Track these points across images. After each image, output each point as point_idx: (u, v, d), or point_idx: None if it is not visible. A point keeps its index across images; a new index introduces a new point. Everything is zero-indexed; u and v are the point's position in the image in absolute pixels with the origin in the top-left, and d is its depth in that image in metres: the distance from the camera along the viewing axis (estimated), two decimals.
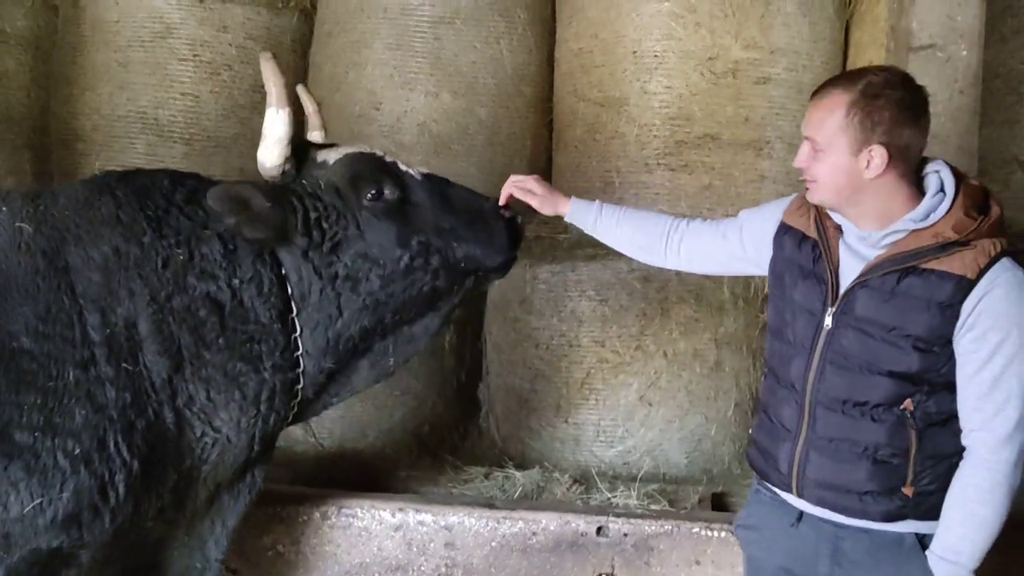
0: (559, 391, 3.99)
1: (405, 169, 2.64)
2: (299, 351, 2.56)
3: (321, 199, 2.54)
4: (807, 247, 2.29)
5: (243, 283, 2.47)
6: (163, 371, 2.39)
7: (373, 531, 3.30)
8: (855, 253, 2.21)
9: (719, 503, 3.62)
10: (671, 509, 3.41)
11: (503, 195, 2.71)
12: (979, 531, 2.12)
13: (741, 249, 2.50)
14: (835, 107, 2.09)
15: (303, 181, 2.56)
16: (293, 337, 2.54)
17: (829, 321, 2.20)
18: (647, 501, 3.45)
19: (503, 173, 2.74)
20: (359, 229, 2.54)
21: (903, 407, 2.15)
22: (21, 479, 2.20)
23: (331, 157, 2.60)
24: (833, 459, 2.22)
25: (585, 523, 3.24)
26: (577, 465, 3.92)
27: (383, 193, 2.56)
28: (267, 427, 2.59)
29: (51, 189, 2.57)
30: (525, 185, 2.69)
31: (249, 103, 4.50)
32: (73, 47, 4.59)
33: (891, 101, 2.06)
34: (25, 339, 2.26)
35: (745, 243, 2.49)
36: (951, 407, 2.15)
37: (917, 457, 2.16)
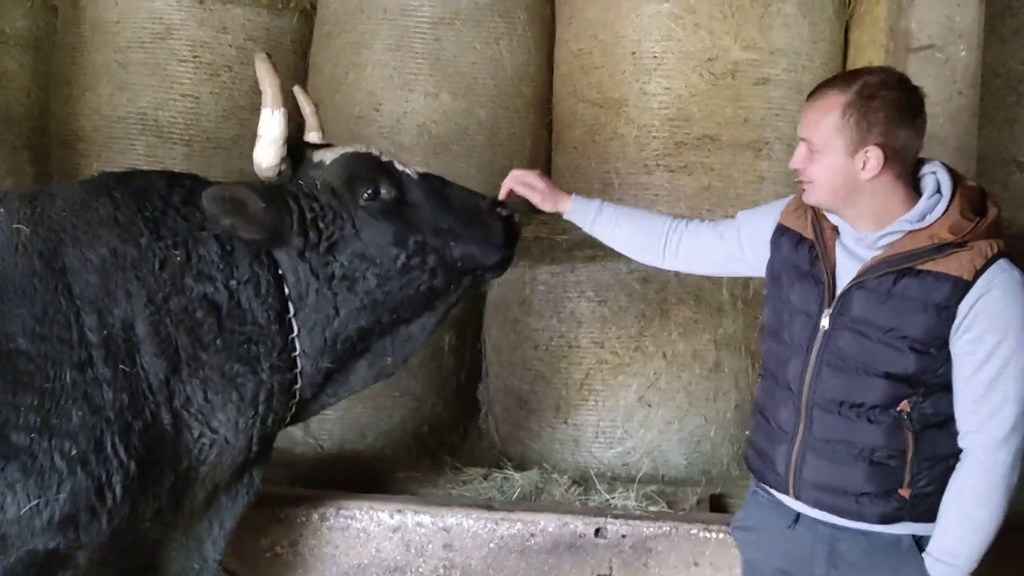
0: (558, 392, 3.99)
1: (401, 168, 2.62)
2: (296, 352, 2.55)
3: (317, 199, 2.53)
4: (804, 248, 2.28)
5: (240, 284, 2.46)
6: (160, 372, 2.38)
7: (371, 532, 3.30)
8: (852, 254, 2.20)
9: (718, 504, 3.62)
10: (669, 510, 3.40)
11: (504, 189, 2.67)
12: (976, 533, 2.12)
13: (739, 250, 2.49)
14: (831, 108, 2.08)
15: (299, 181, 2.55)
16: (290, 338, 2.53)
17: (826, 322, 2.20)
18: (645, 502, 3.45)
19: (502, 174, 2.70)
20: (355, 229, 2.53)
21: (900, 409, 2.14)
22: (18, 480, 2.19)
23: (327, 157, 2.59)
24: (830, 461, 2.22)
25: (583, 524, 3.24)
26: (576, 466, 3.91)
27: (379, 193, 2.55)
28: (265, 428, 2.58)
29: (48, 190, 2.56)
30: (527, 180, 2.65)
31: (249, 104, 4.49)
32: (73, 48, 4.59)
33: (887, 102, 2.05)
34: (22, 340, 2.25)
35: (743, 244, 2.48)
36: (948, 409, 2.14)
37: (914, 459, 2.16)
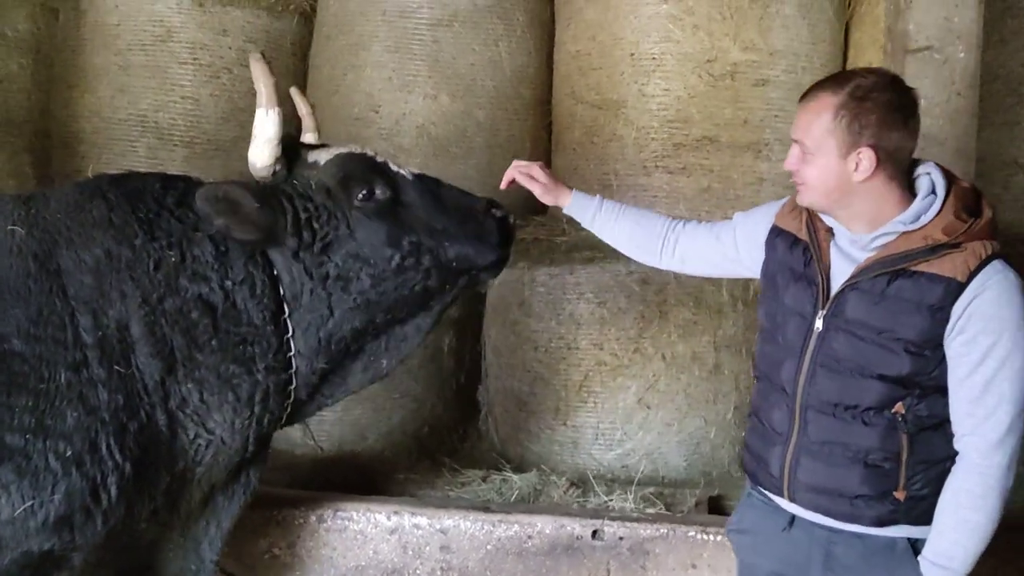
0: (558, 394, 3.98)
1: (396, 169, 2.63)
2: (292, 352, 2.55)
3: (312, 199, 2.53)
4: (798, 250, 2.28)
5: (235, 285, 2.46)
6: (156, 373, 2.38)
7: (369, 534, 3.30)
8: (846, 256, 2.19)
9: (717, 507, 3.60)
10: (667, 513, 3.40)
11: (505, 179, 2.66)
12: (971, 536, 2.10)
13: (735, 251, 2.49)
14: (823, 109, 2.08)
15: (294, 181, 2.55)
16: (285, 338, 2.53)
17: (820, 324, 2.19)
18: (643, 504, 3.45)
19: (501, 176, 2.70)
20: (350, 229, 2.53)
21: (894, 411, 2.13)
22: (12, 481, 2.19)
23: (322, 157, 2.59)
24: (825, 463, 2.21)
25: (581, 527, 3.23)
26: (576, 468, 3.91)
27: (374, 193, 2.55)
28: (261, 428, 2.58)
29: (43, 192, 2.57)
30: (529, 171, 2.64)
31: (249, 106, 4.38)
32: (73, 50, 4.60)
33: (879, 103, 2.04)
34: (16, 341, 2.26)
35: (738, 245, 2.48)
36: (943, 411, 2.13)
37: (909, 461, 2.15)
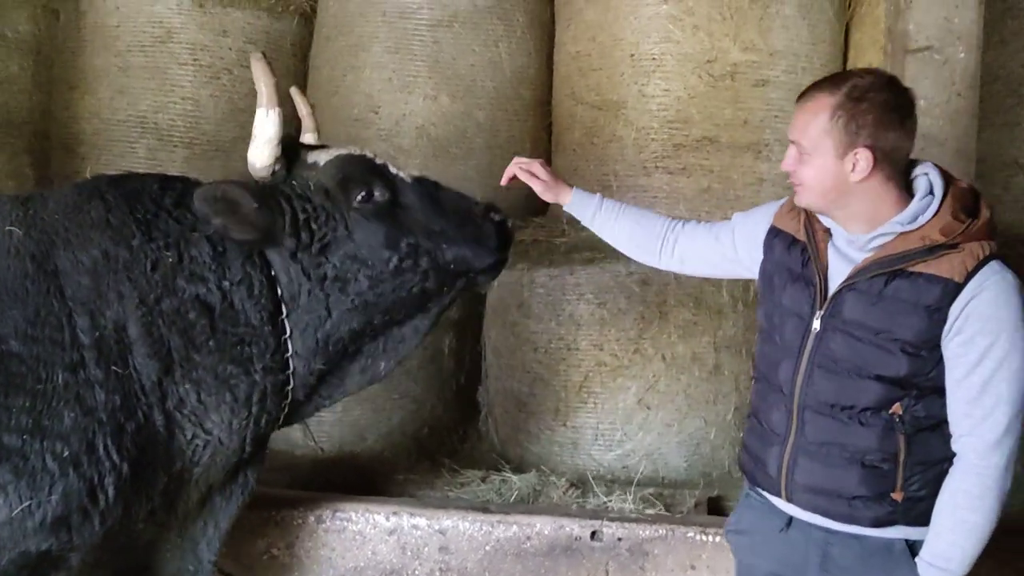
0: (557, 395, 3.98)
1: (395, 171, 2.62)
2: (289, 353, 2.55)
3: (311, 200, 2.53)
4: (796, 250, 2.27)
5: (233, 285, 2.46)
6: (153, 374, 2.38)
7: (367, 535, 3.29)
8: (844, 256, 2.19)
9: (716, 507, 3.59)
10: (666, 513, 3.39)
11: (506, 175, 2.66)
12: (969, 537, 2.10)
13: (733, 251, 2.48)
14: (819, 110, 2.08)
15: (293, 182, 2.55)
16: (283, 339, 2.53)
17: (817, 324, 2.19)
18: (643, 505, 3.44)
19: (501, 177, 2.70)
20: (348, 230, 2.53)
21: (892, 411, 2.13)
22: (9, 482, 2.19)
23: (322, 158, 2.59)
24: (822, 464, 2.20)
25: (579, 527, 3.22)
26: (575, 469, 3.90)
27: (373, 195, 2.55)
28: (258, 429, 2.58)
29: (41, 193, 2.57)
30: (530, 168, 2.63)
31: (249, 107, 4.38)
32: (74, 51, 4.61)
33: (875, 104, 2.04)
34: (14, 342, 2.26)
35: (737, 246, 2.47)
36: (941, 412, 2.13)
37: (907, 462, 2.14)
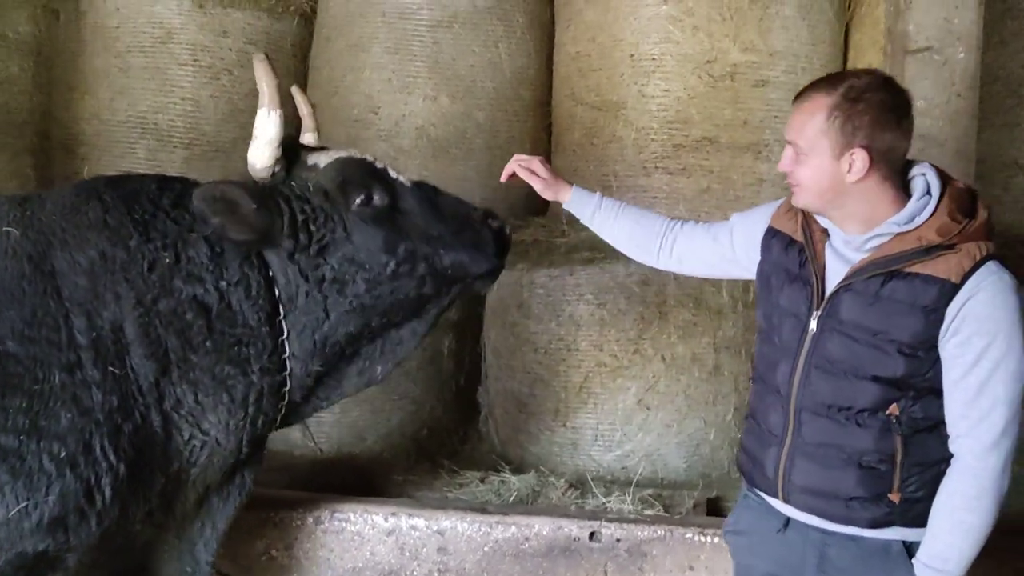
0: (557, 395, 3.98)
1: (395, 176, 2.63)
2: (286, 354, 2.55)
3: (309, 202, 2.53)
4: (794, 251, 2.27)
5: (230, 286, 2.46)
6: (150, 374, 2.38)
7: (366, 536, 3.29)
8: (841, 257, 2.18)
9: (715, 508, 3.59)
10: (665, 514, 3.39)
11: (505, 173, 2.65)
12: (966, 539, 2.09)
13: (731, 252, 2.48)
14: (816, 110, 2.07)
15: (292, 183, 2.55)
16: (280, 340, 2.53)
17: (814, 325, 2.18)
18: (641, 506, 3.44)
19: (501, 177, 2.71)
20: (347, 233, 2.53)
21: (889, 412, 2.12)
22: (6, 482, 2.20)
23: (322, 160, 2.60)
24: (819, 465, 2.20)
25: (578, 528, 3.22)
26: (575, 469, 3.90)
27: (372, 199, 2.55)
28: (255, 429, 2.58)
29: (38, 193, 2.57)
30: (530, 166, 2.63)
31: (249, 108, 4.40)
32: (74, 52, 4.62)
33: (872, 104, 2.03)
34: (11, 343, 2.26)
35: (735, 246, 2.47)
36: (938, 413, 2.12)
37: (904, 463, 2.14)
